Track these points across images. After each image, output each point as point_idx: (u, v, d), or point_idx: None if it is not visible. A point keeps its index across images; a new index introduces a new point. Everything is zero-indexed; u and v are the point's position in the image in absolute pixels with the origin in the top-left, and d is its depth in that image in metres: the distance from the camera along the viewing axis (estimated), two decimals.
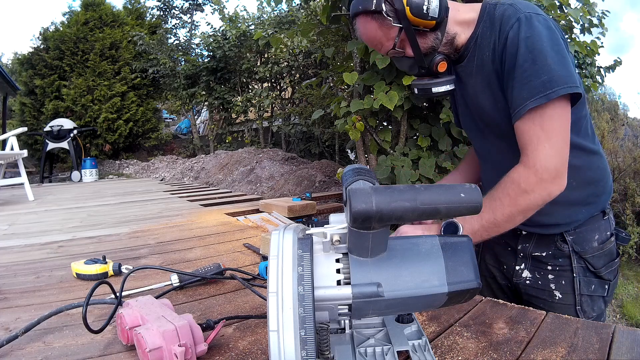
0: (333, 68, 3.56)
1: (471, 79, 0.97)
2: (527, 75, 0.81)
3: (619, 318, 3.10)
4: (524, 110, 0.82)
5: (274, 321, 0.45)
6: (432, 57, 0.94)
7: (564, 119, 0.82)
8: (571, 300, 0.99)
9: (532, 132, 0.83)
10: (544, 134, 0.81)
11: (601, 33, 3.26)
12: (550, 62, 0.80)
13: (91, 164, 7.29)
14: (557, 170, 0.81)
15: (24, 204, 3.69)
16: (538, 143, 0.82)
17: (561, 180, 0.83)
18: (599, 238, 0.99)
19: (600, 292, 0.99)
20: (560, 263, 1.00)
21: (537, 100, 0.80)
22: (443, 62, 0.95)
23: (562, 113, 0.82)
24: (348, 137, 2.80)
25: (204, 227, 2.05)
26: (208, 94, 8.46)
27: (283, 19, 6.88)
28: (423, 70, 0.97)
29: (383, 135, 2.58)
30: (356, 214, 0.42)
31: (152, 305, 0.74)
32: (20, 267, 1.44)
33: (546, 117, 0.81)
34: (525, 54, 0.82)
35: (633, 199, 3.82)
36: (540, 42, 0.81)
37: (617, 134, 4.95)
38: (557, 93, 0.79)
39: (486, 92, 0.94)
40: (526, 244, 1.05)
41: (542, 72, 0.80)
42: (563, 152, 0.82)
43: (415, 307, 0.57)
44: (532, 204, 0.84)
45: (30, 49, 9.33)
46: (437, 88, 0.97)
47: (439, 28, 0.91)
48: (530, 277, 1.05)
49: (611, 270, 1.00)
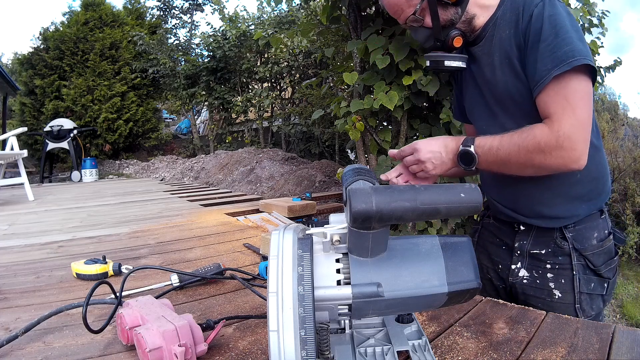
0: (333, 68, 3.56)
1: (488, 58, 0.98)
2: (551, 47, 0.83)
3: (619, 318, 3.10)
4: (548, 80, 0.83)
5: (274, 321, 0.45)
6: (448, 31, 0.96)
7: (587, 95, 0.83)
8: (570, 299, 0.99)
9: (557, 102, 0.83)
10: (569, 105, 0.82)
11: (601, 33, 3.26)
12: (572, 37, 0.83)
13: (91, 164, 7.29)
14: (578, 143, 0.81)
15: (24, 204, 3.69)
16: (563, 112, 0.82)
17: (580, 155, 0.82)
18: (597, 236, 0.99)
19: (600, 290, 0.99)
20: (560, 261, 0.99)
21: (561, 67, 0.81)
22: (459, 37, 0.97)
23: (585, 88, 0.83)
24: (348, 137, 2.80)
25: (204, 227, 2.05)
26: (208, 94, 8.46)
27: (283, 19, 6.89)
28: (438, 43, 0.98)
29: (383, 135, 2.58)
30: (356, 214, 0.42)
31: (152, 305, 0.74)
32: (20, 267, 1.44)
33: (570, 90, 0.82)
34: (549, 29, 0.84)
35: (633, 199, 3.82)
36: (562, 20, 0.84)
37: (617, 134, 4.95)
38: (579, 61, 0.80)
39: (504, 67, 0.94)
40: (524, 241, 1.04)
41: (565, 44, 0.82)
42: (586, 128, 0.82)
43: (415, 307, 0.57)
44: (545, 165, 0.84)
45: (30, 49, 9.34)
46: (449, 62, 0.99)
47: (460, 4, 0.95)
48: (528, 276, 1.04)
49: (610, 269, 1.00)
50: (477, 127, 1.12)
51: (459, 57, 1.00)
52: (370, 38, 2.20)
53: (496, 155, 0.88)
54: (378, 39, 2.17)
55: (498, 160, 0.89)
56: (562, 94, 0.83)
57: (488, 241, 1.16)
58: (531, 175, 0.90)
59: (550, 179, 0.95)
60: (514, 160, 0.86)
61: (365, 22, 2.53)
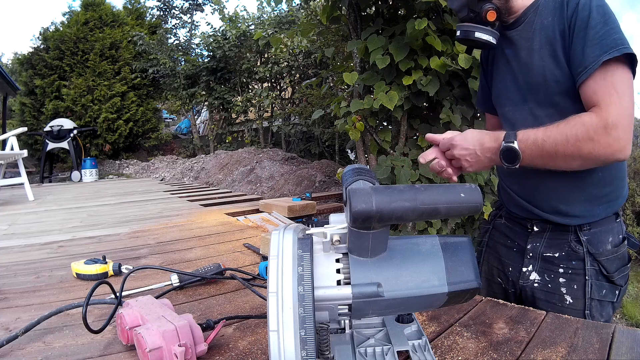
0: (333, 68, 3.56)
1: (527, 42, 0.97)
2: (601, 35, 0.84)
3: (619, 318, 3.10)
4: (597, 65, 0.82)
5: (274, 321, 0.45)
6: (483, 4, 0.96)
7: (631, 86, 0.83)
8: (581, 305, 0.97)
9: (605, 89, 0.83)
10: (616, 93, 0.82)
11: None
12: (618, 27, 0.84)
13: (91, 164, 7.29)
14: (624, 132, 0.80)
15: (24, 204, 3.69)
16: (611, 100, 0.81)
17: (625, 144, 0.81)
18: (612, 241, 0.97)
19: (611, 297, 0.97)
20: (574, 266, 0.97)
21: (611, 53, 0.81)
22: (493, 11, 0.96)
23: (630, 79, 0.83)
24: (348, 137, 2.80)
25: (204, 227, 2.05)
26: (208, 94, 8.46)
27: (283, 19, 6.88)
28: (472, 15, 0.98)
29: (383, 135, 2.58)
30: (356, 214, 0.42)
31: (152, 305, 0.74)
32: (20, 267, 1.44)
33: (617, 78, 0.82)
34: (598, 17, 0.85)
35: (633, 199, 3.82)
36: (609, 10, 0.86)
37: None
38: (628, 50, 0.81)
39: (544, 52, 0.94)
40: (537, 243, 1.02)
41: (614, 32, 0.83)
42: (632, 118, 0.82)
43: (415, 307, 0.57)
44: (593, 154, 0.82)
45: (30, 49, 9.34)
46: (480, 34, 0.98)
47: None
48: (539, 280, 1.02)
49: (623, 276, 0.98)
50: (503, 112, 1.10)
51: (491, 31, 0.98)
52: (370, 38, 2.20)
53: (542, 148, 0.85)
54: (378, 39, 2.17)
55: (544, 154, 0.85)
56: (609, 81, 0.82)
57: (499, 242, 1.14)
58: (577, 168, 0.87)
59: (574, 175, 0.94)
60: (561, 151, 0.83)
61: (365, 22, 2.53)
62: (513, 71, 1.03)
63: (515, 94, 1.03)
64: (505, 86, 1.06)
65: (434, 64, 2.15)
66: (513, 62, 1.02)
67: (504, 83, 1.07)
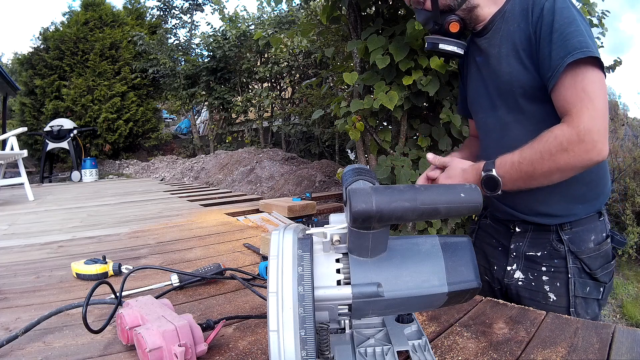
0: (333, 68, 3.56)
1: (495, 49, 0.98)
2: (564, 36, 0.84)
3: (619, 318, 3.10)
4: (562, 67, 0.82)
5: (274, 321, 0.45)
6: (446, 16, 0.99)
7: (603, 86, 0.83)
8: (565, 302, 0.98)
9: (574, 94, 0.82)
10: (587, 96, 0.81)
11: (601, 33, 3.25)
12: (583, 30, 0.83)
13: (91, 164, 7.29)
14: (599, 135, 0.80)
15: (24, 204, 3.69)
16: (582, 105, 0.81)
17: (602, 146, 0.81)
18: (595, 239, 0.98)
19: (595, 294, 0.99)
20: (556, 264, 0.99)
21: (574, 55, 0.81)
22: (455, 23, 0.99)
23: (601, 79, 0.83)
24: (348, 137, 2.80)
25: (204, 227, 2.05)
26: (208, 94, 8.46)
27: (283, 19, 6.88)
28: (436, 27, 1.01)
29: (383, 135, 2.58)
30: (356, 214, 0.42)
31: (152, 305, 0.74)
32: (20, 267, 1.44)
33: (587, 81, 0.82)
34: (562, 19, 0.85)
35: (633, 199, 3.82)
36: (573, 13, 0.86)
37: (617, 134, 4.96)
38: (593, 53, 0.81)
39: (511, 59, 0.94)
40: (519, 243, 1.04)
41: (578, 34, 0.83)
42: (605, 118, 0.82)
43: (415, 307, 0.57)
44: (570, 164, 0.82)
45: (30, 49, 9.34)
46: (444, 45, 1.01)
47: None
48: (523, 278, 1.04)
49: (607, 273, 0.99)
50: (477, 119, 1.12)
51: (456, 42, 1.01)
52: (370, 38, 2.20)
53: (519, 170, 0.86)
54: (378, 39, 2.17)
55: (523, 175, 0.86)
56: (580, 86, 0.82)
57: (485, 242, 1.16)
58: (559, 181, 0.86)
59: None
60: (539, 168, 0.84)
61: (365, 22, 2.53)
62: (484, 78, 1.04)
63: (486, 100, 1.05)
64: (478, 93, 1.08)
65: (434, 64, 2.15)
66: (483, 69, 1.04)
67: (477, 90, 1.08)
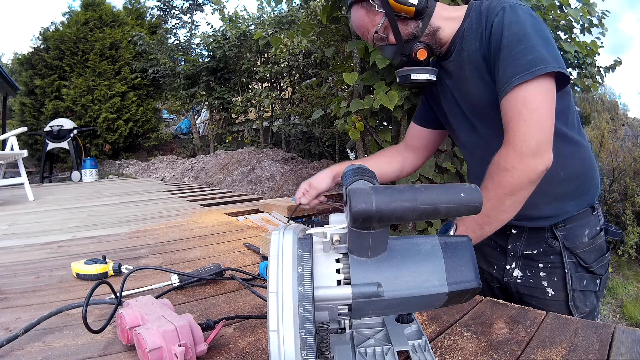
0: (333, 68, 3.56)
1: (460, 71, 0.98)
2: (513, 54, 0.83)
3: (619, 318, 3.10)
4: (509, 87, 0.82)
5: (274, 321, 0.45)
6: (412, 45, 0.98)
7: (548, 95, 0.82)
8: (563, 296, 1.00)
9: (514, 108, 0.82)
10: (526, 109, 0.81)
11: (601, 33, 3.26)
12: (535, 44, 0.82)
13: (91, 164, 7.29)
14: (538, 145, 0.80)
15: (24, 204, 3.69)
16: (519, 119, 0.81)
17: (544, 155, 0.81)
18: (589, 233, 0.99)
19: (592, 287, 1.00)
20: (552, 260, 1.00)
21: (523, 76, 0.80)
22: (422, 49, 0.97)
23: (546, 90, 0.81)
24: (348, 137, 2.79)
25: (204, 227, 2.05)
26: (208, 94, 8.46)
27: (283, 19, 6.88)
28: (404, 58, 1.00)
29: (383, 135, 2.58)
30: (356, 214, 0.42)
31: (152, 305, 0.74)
32: (20, 267, 1.44)
33: (529, 94, 0.81)
34: (510, 36, 0.84)
35: (633, 199, 3.81)
36: (524, 26, 0.84)
37: (617, 134, 4.96)
38: (542, 70, 0.79)
39: (475, 79, 0.94)
40: (516, 243, 1.05)
41: (528, 52, 0.81)
42: (545, 127, 0.81)
43: (415, 307, 0.57)
44: (516, 183, 0.82)
45: (30, 49, 9.34)
46: (416, 75, 1.00)
47: (420, 17, 0.96)
48: (522, 276, 1.05)
49: (602, 265, 1.00)
50: (459, 139, 1.12)
51: (426, 69, 1.00)
52: None
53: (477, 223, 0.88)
54: None
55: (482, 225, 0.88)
56: (520, 99, 0.82)
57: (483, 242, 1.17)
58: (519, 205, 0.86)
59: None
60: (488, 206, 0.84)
61: None
62: (456, 100, 1.04)
63: (465, 121, 1.05)
64: (454, 115, 1.08)
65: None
66: (455, 92, 1.04)
67: (453, 112, 1.08)
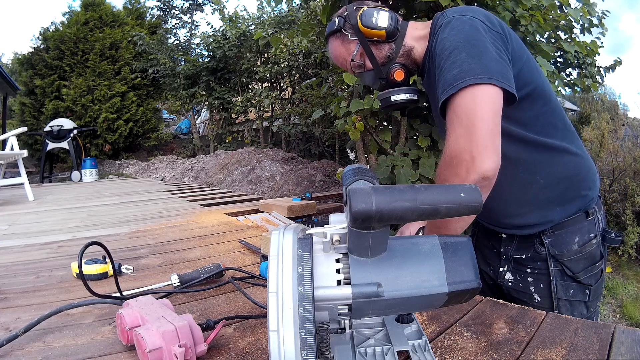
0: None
1: (433, 90, 0.96)
2: (442, 70, 0.83)
3: (619, 318, 3.10)
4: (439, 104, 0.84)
5: (274, 321, 0.45)
6: (389, 67, 0.99)
7: (481, 101, 0.78)
8: (549, 304, 0.99)
9: (449, 120, 0.82)
10: (456, 118, 0.80)
11: (601, 33, 3.26)
12: (464, 57, 0.81)
13: (91, 164, 7.29)
14: (470, 151, 0.77)
15: (24, 204, 3.69)
16: (450, 129, 0.82)
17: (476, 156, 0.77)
18: (579, 240, 0.96)
19: (581, 297, 0.98)
20: (539, 266, 1.00)
21: (447, 92, 0.81)
22: (399, 70, 0.99)
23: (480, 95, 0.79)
24: (348, 137, 2.79)
25: (204, 227, 2.05)
26: (208, 94, 8.46)
27: (283, 19, 6.88)
28: (383, 82, 1.01)
29: (383, 135, 2.58)
30: (356, 214, 0.42)
31: (152, 305, 0.74)
32: (20, 267, 1.44)
33: (460, 102, 0.80)
34: (441, 52, 0.85)
35: (633, 199, 3.81)
36: (455, 40, 0.83)
37: (617, 134, 4.96)
38: (465, 83, 0.78)
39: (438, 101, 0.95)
40: (508, 247, 1.06)
41: (454, 67, 0.81)
42: (477, 133, 0.78)
43: (415, 307, 0.57)
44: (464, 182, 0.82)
45: (30, 49, 9.34)
46: (395, 96, 1.02)
47: (393, 40, 0.97)
48: (512, 279, 1.06)
49: (591, 275, 0.97)
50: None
51: (406, 89, 1.01)
52: None
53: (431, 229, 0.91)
54: None
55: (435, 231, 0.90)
56: (452, 109, 0.82)
57: (482, 244, 1.18)
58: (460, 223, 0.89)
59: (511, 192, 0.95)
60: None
61: None
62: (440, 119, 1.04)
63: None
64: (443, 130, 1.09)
65: None
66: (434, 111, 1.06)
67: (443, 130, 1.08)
